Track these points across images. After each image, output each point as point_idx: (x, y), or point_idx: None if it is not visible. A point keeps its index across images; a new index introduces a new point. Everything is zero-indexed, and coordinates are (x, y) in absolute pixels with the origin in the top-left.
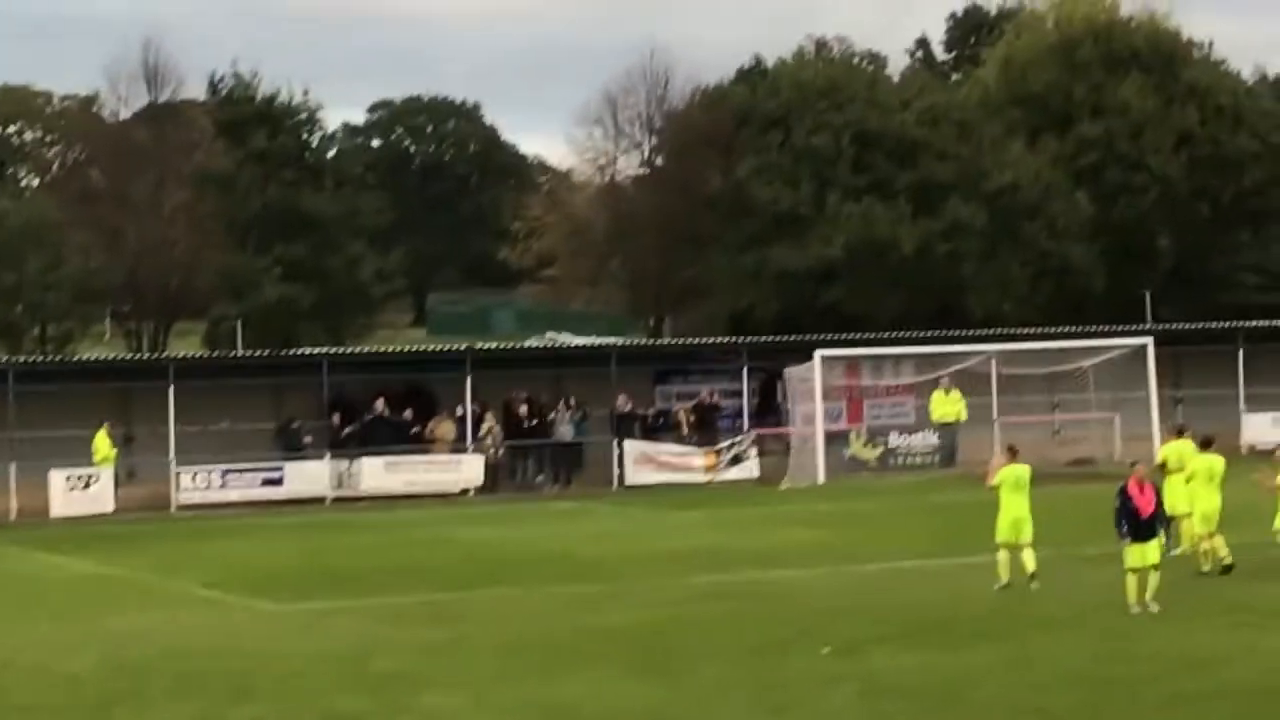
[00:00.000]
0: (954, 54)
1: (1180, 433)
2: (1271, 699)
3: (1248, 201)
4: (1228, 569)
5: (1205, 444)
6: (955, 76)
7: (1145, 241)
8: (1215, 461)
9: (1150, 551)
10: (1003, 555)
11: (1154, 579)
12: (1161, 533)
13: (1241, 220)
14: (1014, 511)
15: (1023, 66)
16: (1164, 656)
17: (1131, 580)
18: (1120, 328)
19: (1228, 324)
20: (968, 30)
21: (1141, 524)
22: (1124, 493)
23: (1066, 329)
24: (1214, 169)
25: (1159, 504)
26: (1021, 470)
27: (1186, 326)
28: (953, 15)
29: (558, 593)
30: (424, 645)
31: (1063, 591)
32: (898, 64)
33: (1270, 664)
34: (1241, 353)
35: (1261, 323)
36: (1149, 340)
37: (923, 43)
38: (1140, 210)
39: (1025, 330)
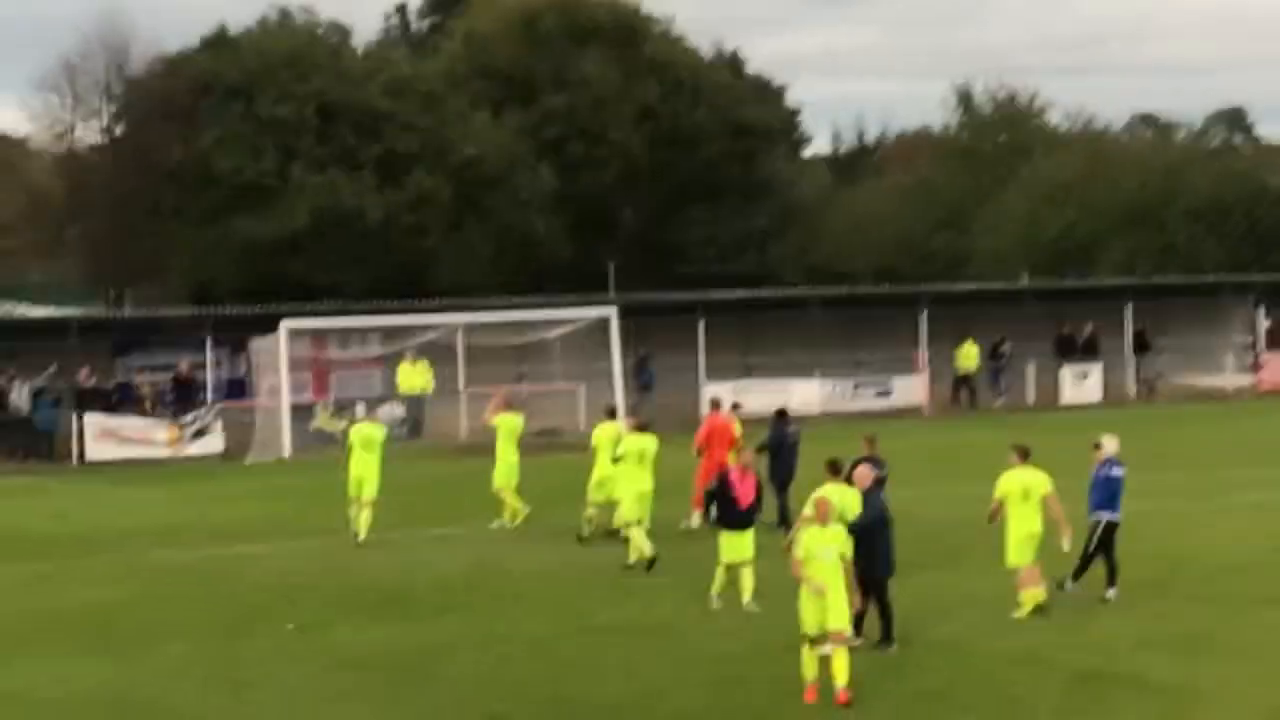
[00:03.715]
0: (429, 22)
1: (613, 414)
2: (720, 664)
3: (704, 176)
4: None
5: (641, 427)
6: (432, 46)
7: (608, 214)
8: (648, 442)
9: (746, 545)
10: (353, 512)
11: (748, 576)
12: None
13: (699, 194)
14: (358, 470)
15: (486, 39)
16: (621, 628)
17: (721, 573)
18: (584, 299)
19: (689, 295)
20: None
21: (740, 515)
22: (725, 480)
23: (531, 300)
24: (673, 143)
25: (759, 495)
26: (377, 431)
27: (649, 297)
28: None
29: (11, 572)
30: None
31: (524, 564)
32: (374, 31)
33: (721, 628)
34: (702, 323)
35: (720, 294)
36: (613, 311)
37: (401, 9)
38: (603, 183)
39: (490, 301)
